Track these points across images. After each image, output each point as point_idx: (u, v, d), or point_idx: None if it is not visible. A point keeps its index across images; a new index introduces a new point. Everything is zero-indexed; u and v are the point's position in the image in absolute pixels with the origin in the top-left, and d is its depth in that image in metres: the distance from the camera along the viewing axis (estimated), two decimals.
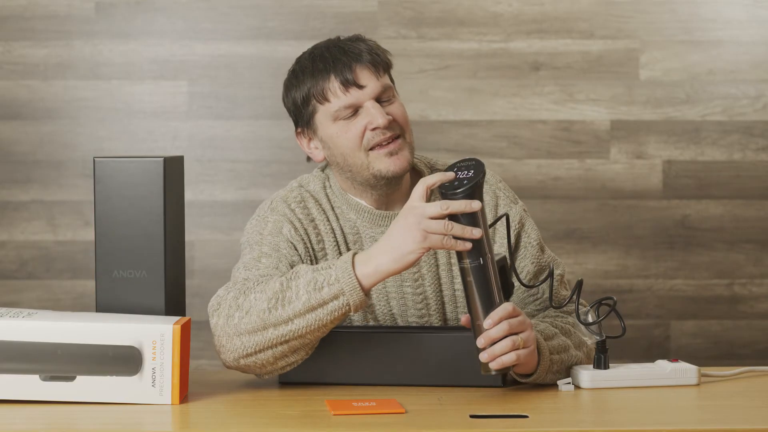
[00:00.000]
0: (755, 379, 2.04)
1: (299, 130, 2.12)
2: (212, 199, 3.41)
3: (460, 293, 2.12)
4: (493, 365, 1.85)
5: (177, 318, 1.88)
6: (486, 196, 2.12)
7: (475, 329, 1.88)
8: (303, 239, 2.07)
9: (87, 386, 1.82)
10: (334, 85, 2.04)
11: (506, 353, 1.85)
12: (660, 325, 3.44)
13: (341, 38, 2.10)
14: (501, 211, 2.14)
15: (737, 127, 3.43)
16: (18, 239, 3.40)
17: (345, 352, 1.97)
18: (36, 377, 1.82)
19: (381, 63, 2.07)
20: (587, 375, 1.94)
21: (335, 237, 2.10)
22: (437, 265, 2.12)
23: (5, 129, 3.39)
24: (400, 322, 2.12)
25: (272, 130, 3.40)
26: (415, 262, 1.86)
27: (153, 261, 1.93)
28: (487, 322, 1.85)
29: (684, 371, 1.97)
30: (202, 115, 3.40)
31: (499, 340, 1.85)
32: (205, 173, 3.40)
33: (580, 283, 1.97)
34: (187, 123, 3.40)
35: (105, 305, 1.94)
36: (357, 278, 1.86)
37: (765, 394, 1.94)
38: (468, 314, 1.89)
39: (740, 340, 3.45)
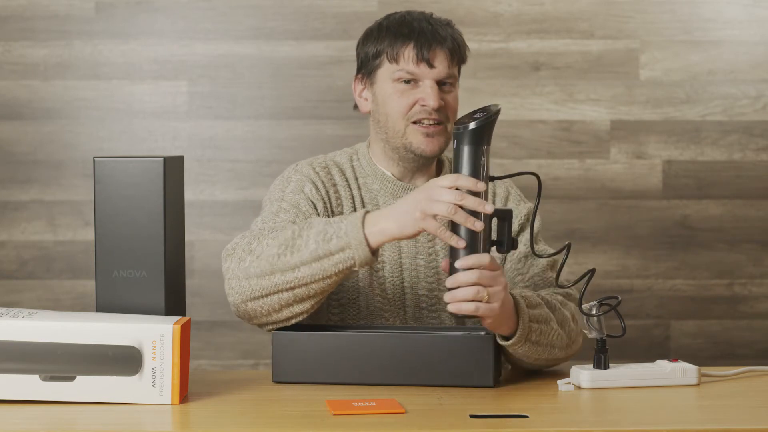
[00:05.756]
0: (755, 379, 2.04)
1: (359, 76, 2.23)
2: (212, 199, 3.41)
3: None
4: (451, 308, 1.89)
5: (177, 318, 1.88)
6: (499, 189, 2.27)
7: (451, 270, 1.90)
8: (323, 199, 2.16)
9: (87, 386, 1.82)
10: (410, 53, 2.15)
11: (467, 301, 1.88)
12: (660, 325, 3.44)
13: (434, 16, 2.21)
14: (510, 206, 2.25)
15: (737, 127, 3.43)
16: (18, 239, 3.40)
17: (345, 352, 1.97)
18: (36, 377, 1.82)
19: (457, 55, 2.18)
20: (587, 375, 1.95)
21: (354, 204, 2.19)
22: None
23: (5, 129, 3.39)
24: (408, 296, 2.17)
25: (272, 130, 3.40)
26: (414, 236, 1.91)
27: (153, 261, 1.93)
28: (458, 263, 1.88)
29: (684, 371, 1.97)
30: (202, 115, 3.40)
31: (465, 286, 1.88)
32: (205, 173, 3.40)
33: (592, 272, 1.97)
34: (187, 123, 3.40)
35: (105, 305, 1.94)
36: (365, 235, 1.90)
37: (765, 394, 1.94)
38: (447, 259, 1.92)
39: (740, 340, 3.44)
